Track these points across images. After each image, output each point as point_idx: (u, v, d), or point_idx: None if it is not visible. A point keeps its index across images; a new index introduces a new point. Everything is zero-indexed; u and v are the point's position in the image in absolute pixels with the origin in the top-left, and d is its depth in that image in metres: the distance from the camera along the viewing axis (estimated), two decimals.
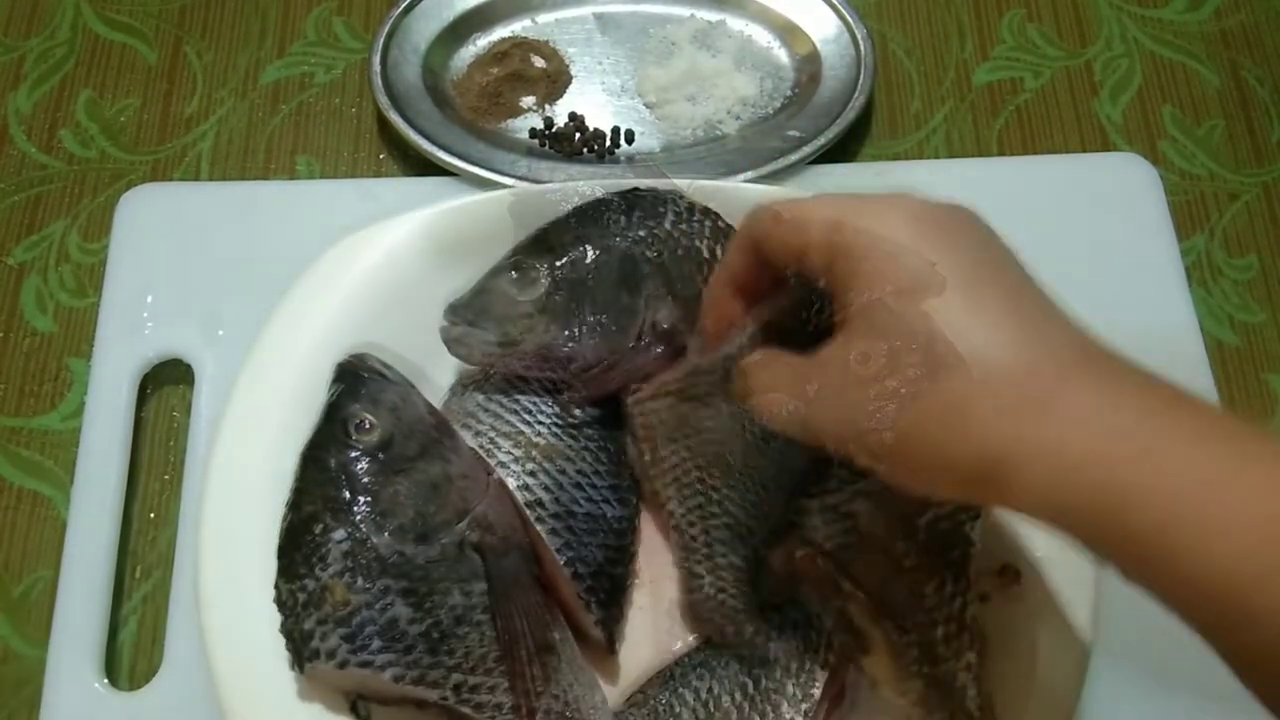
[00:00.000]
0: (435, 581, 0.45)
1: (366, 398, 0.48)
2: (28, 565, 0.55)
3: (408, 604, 0.44)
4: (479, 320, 0.51)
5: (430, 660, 0.44)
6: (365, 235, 0.55)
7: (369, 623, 0.43)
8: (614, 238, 0.52)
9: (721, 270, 0.45)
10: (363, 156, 0.67)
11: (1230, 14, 0.73)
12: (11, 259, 0.63)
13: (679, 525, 0.50)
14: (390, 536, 0.45)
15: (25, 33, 0.70)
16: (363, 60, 0.69)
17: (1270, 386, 0.62)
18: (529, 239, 0.53)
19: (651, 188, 0.55)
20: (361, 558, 0.44)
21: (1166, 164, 0.68)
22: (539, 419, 0.51)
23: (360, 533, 0.45)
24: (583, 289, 0.51)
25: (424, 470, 0.47)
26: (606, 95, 0.68)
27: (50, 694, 0.51)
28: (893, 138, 0.68)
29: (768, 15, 0.70)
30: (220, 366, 0.57)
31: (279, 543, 0.46)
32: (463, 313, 0.51)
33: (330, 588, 0.44)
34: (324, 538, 0.45)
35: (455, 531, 0.46)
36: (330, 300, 0.53)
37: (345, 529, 0.45)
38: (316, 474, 0.47)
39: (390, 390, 0.48)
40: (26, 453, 0.58)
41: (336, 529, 0.45)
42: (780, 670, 0.48)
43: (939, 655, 0.45)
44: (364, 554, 0.45)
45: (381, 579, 0.44)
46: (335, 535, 0.45)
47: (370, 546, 0.45)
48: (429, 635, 0.44)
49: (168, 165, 0.66)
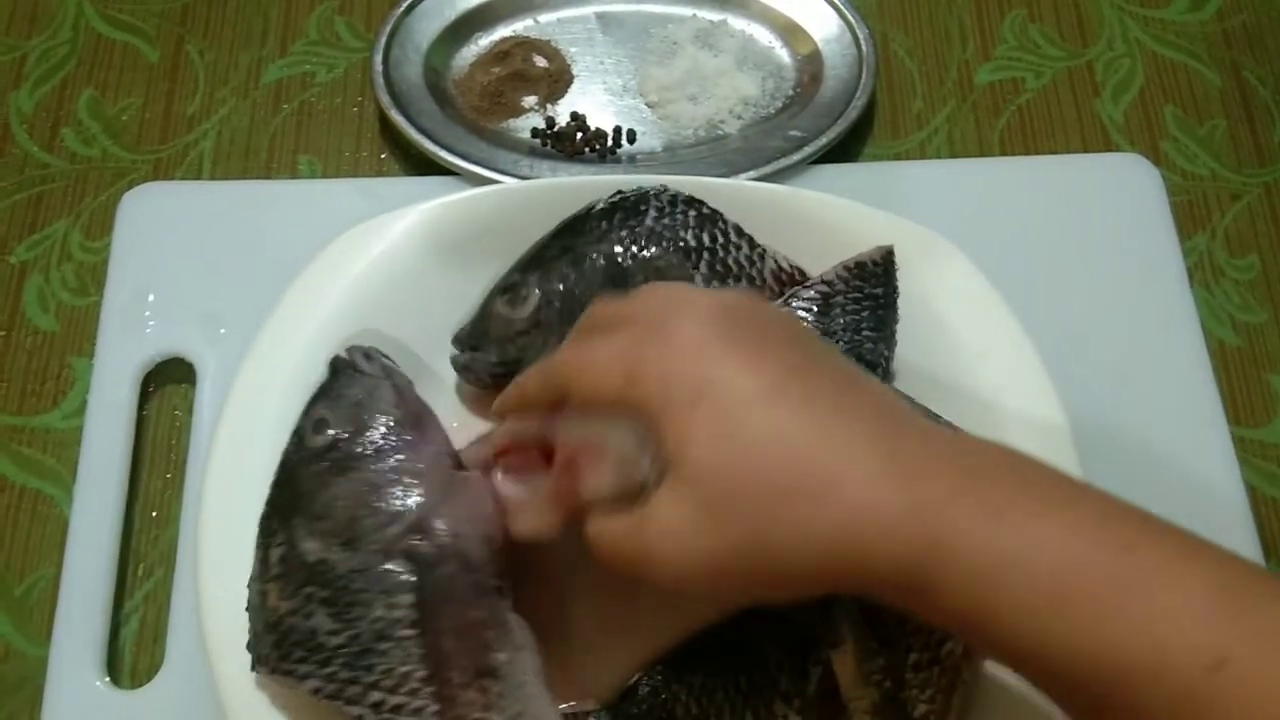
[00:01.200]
0: (357, 592, 0.42)
1: (331, 395, 0.47)
2: (29, 564, 0.56)
3: (329, 614, 0.42)
4: (480, 345, 0.52)
5: (348, 675, 0.41)
6: (363, 230, 0.55)
7: (293, 631, 0.42)
8: (598, 243, 0.53)
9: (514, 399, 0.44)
10: (365, 156, 0.67)
11: (1232, 14, 0.73)
12: (13, 258, 0.63)
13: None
14: (318, 542, 0.43)
15: (27, 32, 0.70)
16: (364, 59, 0.69)
17: (1272, 387, 0.62)
18: (519, 261, 0.54)
19: (635, 187, 0.55)
20: (291, 563, 0.43)
21: (1168, 164, 0.68)
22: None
23: (294, 537, 0.43)
24: (572, 299, 0.52)
25: (370, 470, 0.44)
26: (608, 95, 0.68)
27: (51, 692, 0.51)
28: (894, 138, 0.68)
29: (769, 15, 0.70)
30: (222, 365, 0.57)
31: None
32: (465, 340, 0.53)
33: (266, 592, 0.43)
34: (268, 540, 0.44)
35: (384, 537, 0.42)
36: (329, 296, 0.53)
37: (284, 533, 0.44)
38: (278, 474, 0.46)
39: (357, 386, 0.46)
40: (28, 451, 0.58)
41: (278, 533, 0.44)
42: (773, 666, 0.48)
43: (905, 680, 0.45)
44: (293, 559, 0.43)
45: (306, 586, 0.42)
46: (276, 539, 0.44)
47: (299, 552, 0.43)
48: (349, 648, 0.41)
49: (170, 164, 0.66)
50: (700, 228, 0.54)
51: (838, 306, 0.53)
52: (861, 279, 0.53)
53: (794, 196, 0.57)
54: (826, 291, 0.53)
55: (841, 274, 0.53)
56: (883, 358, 0.52)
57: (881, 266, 0.54)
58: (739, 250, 0.54)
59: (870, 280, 0.53)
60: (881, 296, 0.53)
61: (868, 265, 0.54)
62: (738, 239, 0.54)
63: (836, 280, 0.53)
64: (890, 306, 0.54)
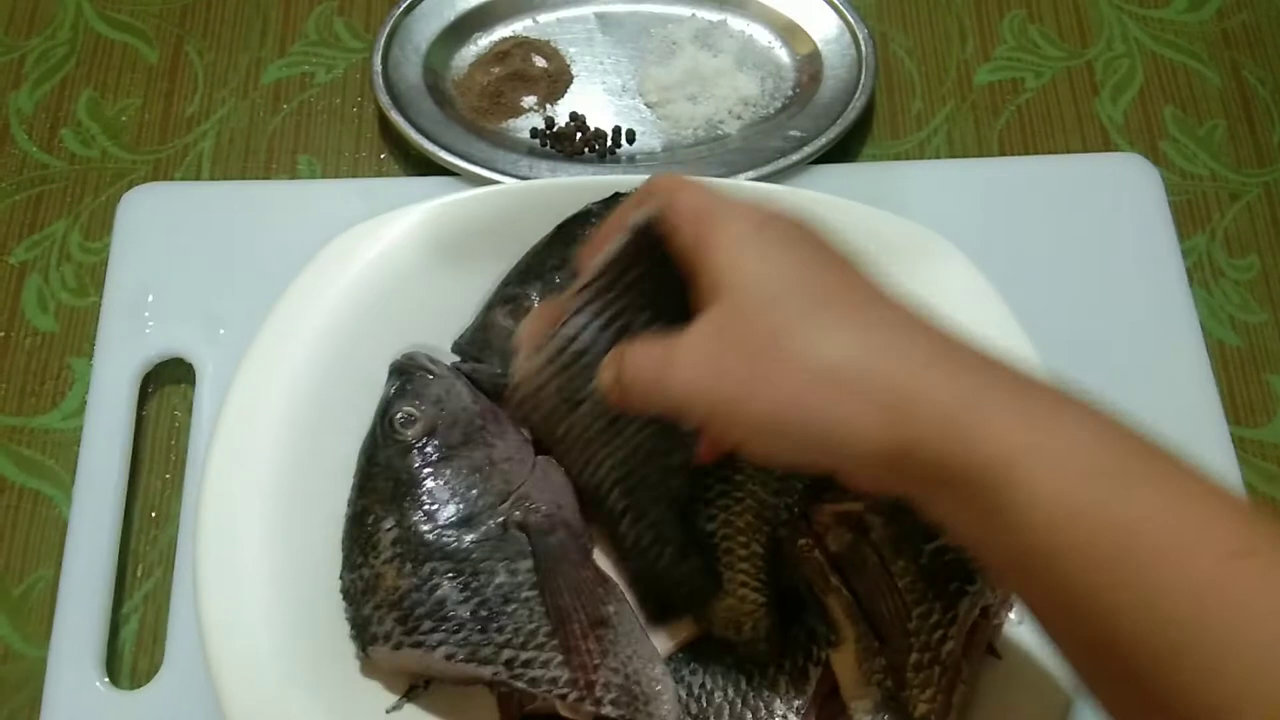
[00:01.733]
0: (479, 562, 0.47)
1: (411, 394, 0.50)
2: (29, 564, 0.56)
3: (454, 585, 0.46)
4: (483, 355, 0.53)
5: (480, 638, 0.45)
6: (362, 231, 0.55)
7: (418, 605, 0.46)
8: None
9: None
10: (364, 156, 0.67)
11: (1232, 14, 0.73)
12: (13, 258, 0.63)
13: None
14: (434, 522, 0.47)
15: (26, 32, 0.71)
16: (364, 60, 0.69)
17: (1271, 387, 0.62)
18: (515, 269, 0.54)
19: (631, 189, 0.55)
20: (408, 544, 0.47)
21: (1167, 164, 0.68)
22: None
23: (407, 520, 0.47)
24: None
25: (467, 457, 0.49)
26: (608, 95, 0.68)
27: (51, 693, 0.51)
28: (894, 138, 0.68)
29: (769, 15, 0.70)
30: (221, 366, 0.57)
31: (342, 536, 0.49)
32: (468, 349, 0.53)
33: (382, 574, 0.46)
34: (374, 528, 0.47)
35: (498, 512, 0.48)
36: (329, 297, 0.53)
37: (393, 518, 0.47)
38: (368, 469, 0.49)
39: (435, 384, 0.51)
40: (28, 452, 0.58)
41: (385, 519, 0.48)
42: (774, 667, 0.48)
43: (905, 679, 0.45)
44: (411, 540, 0.47)
45: (428, 563, 0.46)
46: (385, 525, 0.47)
47: (416, 533, 0.47)
48: (477, 614, 0.46)
49: (169, 165, 0.66)
50: None
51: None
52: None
53: (793, 197, 0.57)
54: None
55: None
56: None
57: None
58: None
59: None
60: None
61: None
62: None
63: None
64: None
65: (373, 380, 0.52)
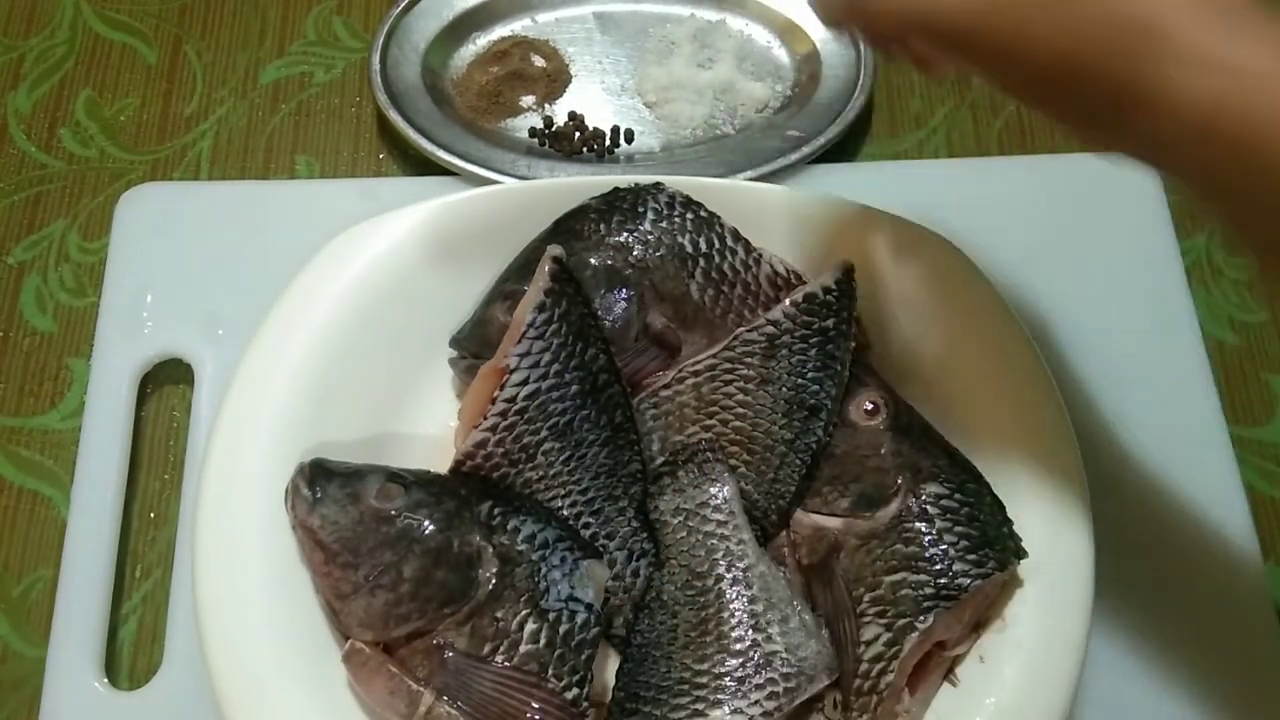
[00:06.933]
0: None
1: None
2: (27, 565, 0.55)
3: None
4: (482, 351, 0.52)
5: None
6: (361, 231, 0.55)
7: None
8: (595, 249, 0.53)
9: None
10: (362, 156, 0.67)
11: None
12: (11, 258, 0.63)
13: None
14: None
15: (25, 32, 0.70)
16: (362, 59, 0.69)
17: (1270, 386, 0.61)
18: (514, 264, 0.54)
19: (631, 185, 0.55)
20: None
21: None
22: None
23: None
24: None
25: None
26: (606, 94, 0.68)
27: (50, 693, 0.51)
28: (893, 137, 0.68)
29: (768, 15, 0.70)
30: (220, 366, 0.57)
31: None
32: (466, 345, 0.53)
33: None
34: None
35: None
36: (327, 297, 0.53)
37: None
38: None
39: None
40: (26, 452, 0.58)
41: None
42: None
43: (846, 701, 0.46)
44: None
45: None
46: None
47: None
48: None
49: (167, 165, 0.66)
50: (697, 232, 0.54)
51: (784, 348, 0.51)
52: (811, 313, 0.51)
53: (792, 196, 0.57)
54: (772, 333, 0.52)
55: (789, 310, 0.52)
56: (827, 400, 0.51)
57: (835, 292, 0.52)
58: (735, 255, 0.54)
59: (820, 313, 0.51)
60: (832, 329, 0.51)
61: (818, 296, 0.52)
62: (734, 243, 0.54)
63: (783, 319, 0.52)
64: (842, 337, 0.52)
65: (371, 380, 0.52)
